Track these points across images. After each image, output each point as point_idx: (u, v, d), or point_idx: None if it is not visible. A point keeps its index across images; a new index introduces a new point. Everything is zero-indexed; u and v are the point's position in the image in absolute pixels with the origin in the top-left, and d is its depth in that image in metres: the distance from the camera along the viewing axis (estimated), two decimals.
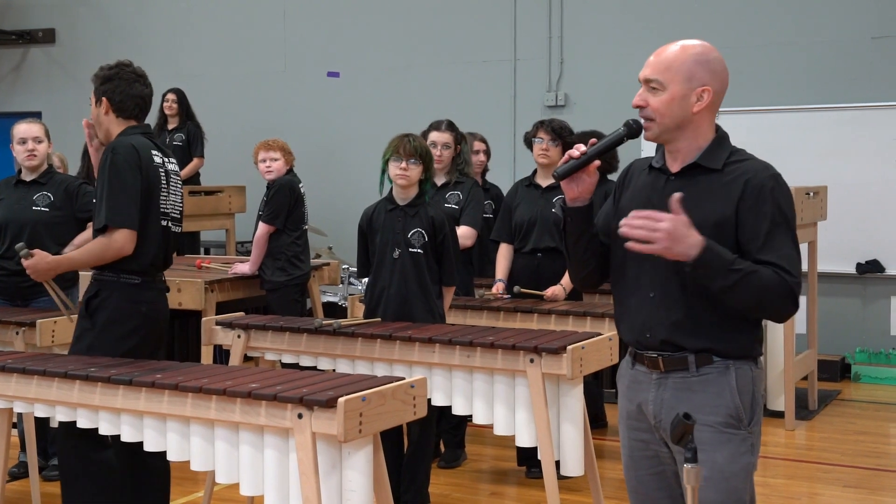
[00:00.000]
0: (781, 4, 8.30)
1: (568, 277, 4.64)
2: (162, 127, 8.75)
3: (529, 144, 5.64)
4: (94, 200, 3.99)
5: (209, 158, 8.87)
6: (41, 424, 4.75)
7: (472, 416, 4.20)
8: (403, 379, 3.38)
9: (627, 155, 5.33)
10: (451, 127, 5.64)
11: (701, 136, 2.69)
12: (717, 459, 2.62)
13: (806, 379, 6.89)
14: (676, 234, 2.50)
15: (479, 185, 6.03)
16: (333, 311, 7.54)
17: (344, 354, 4.37)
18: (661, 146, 2.76)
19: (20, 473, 5.29)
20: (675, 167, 2.72)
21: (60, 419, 3.71)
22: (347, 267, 7.49)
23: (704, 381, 2.66)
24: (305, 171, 7.07)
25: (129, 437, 3.54)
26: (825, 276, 7.64)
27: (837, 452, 5.90)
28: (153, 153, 3.98)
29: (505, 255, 5.61)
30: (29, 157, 5.28)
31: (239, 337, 4.55)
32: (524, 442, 4.12)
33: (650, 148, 7.26)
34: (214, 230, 8.88)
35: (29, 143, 5.29)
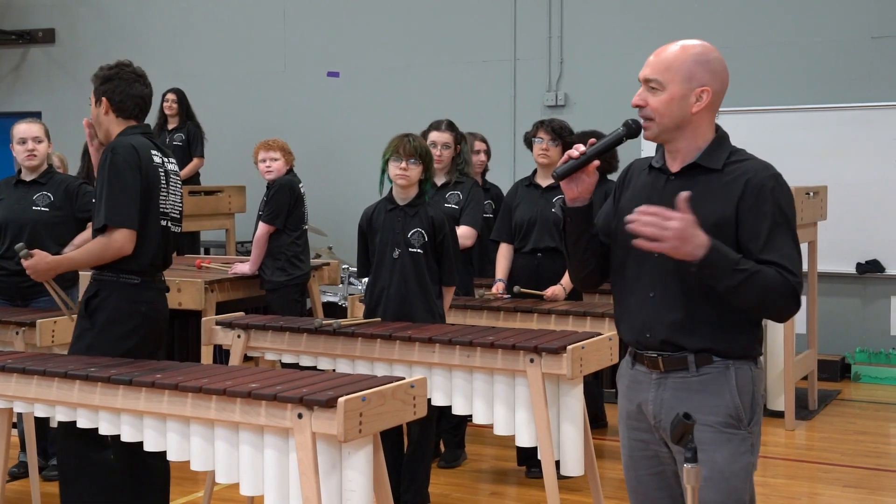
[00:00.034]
0: (781, 4, 8.30)
1: (568, 277, 4.63)
2: (162, 127, 8.75)
3: (529, 144, 5.64)
4: (93, 200, 3.99)
5: (209, 158, 8.87)
6: (41, 424, 4.76)
7: (471, 415, 4.20)
8: (403, 379, 3.38)
9: (627, 155, 5.33)
10: (451, 127, 5.64)
11: (700, 136, 2.69)
12: (716, 459, 2.62)
13: (806, 379, 6.89)
14: (685, 233, 2.48)
15: (478, 185, 6.03)
16: (333, 311, 7.54)
17: (344, 354, 4.37)
18: (661, 146, 2.76)
19: (20, 473, 5.29)
20: (674, 167, 2.72)
21: (60, 419, 3.70)
22: (347, 267, 7.49)
23: (704, 381, 2.65)
24: (305, 171, 7.07)
25: (129, 437, 3.54)
26: (825, 275, 7.64)
27: (837, 452, 5.90)
28: (153, 153, 3.98)
29: (505, 254, 5.60)
30: (29, 157, 5.28)
31: (239, 337, 4.55)
32: (524, 442, 4.12)
33: (650, 148, 7.26)
34: (214, 230, 8.87)
35: (29, 142, 5.29)
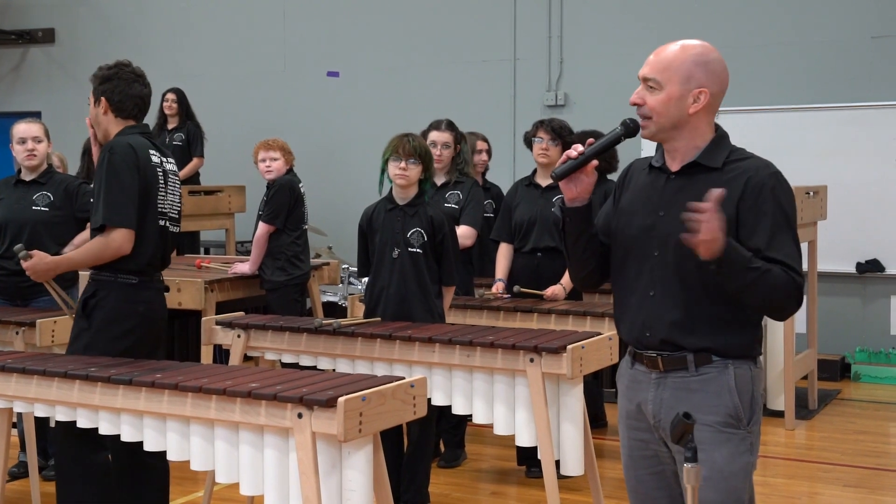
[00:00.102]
0: (781, 4, 8.30)
1: (568, 277, 4.63)
2: (162, 127, 8.75)
3: (529, 144, 5.63)
4: (91, 200, 3.99)
5: (209, 158, 8.86)
6: (41, 424, 4.76)
7: (471, 415, 4.20)
8: (403, 378, 3.38)
9: (627, 155, 5.33)
10: (450, 126, 5.64)
11: (699, 136, 2.69)
12: (716, 459, 2.62)
13: (806, 378, 6.89)
14: (721, 231, 2.46)
15: (478, 184, 6.03)
16: (333, 310, 7.55)
17: (344, 354, 4.37)
18: (661, 145, 2.76)
19: (20, 473, 5.28)
20: (674, 166, 2.72)
21: (60, 419, 3.70)
22: (347, 267, 7.49)
23: (703, 380, 2.65)
24: (305, 171, 7.07)
25: (128, 436, 3.53)
26: (825, 275, 7.64)
27: (837, 452, 5.90)
28: (151, 153, 3.97)
29: (505, 254, 5.60)
30: (28, 156, 5.28)
31: (239, 337, 4.55)
32: (524, 441, 4.12)
33: (650, 147, 7.25)
34: (214, 230, 8.87)
35: (28, 142, 5.29)
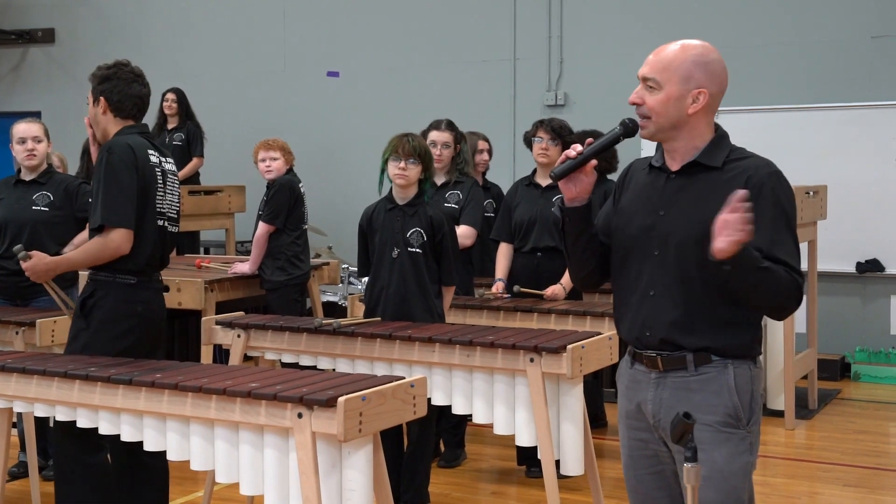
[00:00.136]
0: (781, 4, 8.30)
1: (568, 277, 4.63)
2: (161, 127, 8.75)
3: (529, 144, 5.63)
4: (90, 200, 3.99)
5: (209, 158, 8.86)
6: (41, 424, 4.76)
7: (471, 415, 4.20)
8: (403, 378, 3.38)
9: (627, 154, 5.34)
10: (450, 126, 5.64)
11: (698, 136, 2.69)
12: (715, 459, 2.62)
13: (806, 378, 6.89)
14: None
15: (478, 184, 6.02)
16: (333, 310, 7.55)
17: (344, 354, 4.37)
18: (660, 145, 2.76)
19: (20, 473, 5.29)
20: (674, 166, 2.72)
21: (60, 419, 3.70)
22: (347, 267, 7.49)
23: (703, 380, 2.65)
24: (305, 171, 7.07)
25: (128, 436, 3.53)
26: (825, 275, 7.64)
27: (837, 451, 5.90)
28: (149, 152, 3.97)
29: (505, 254, 5.60)
30: (28, 156, 5.28)
31: (239, 336, 4.55)
32: (524, 441, 4.12)
33: (650, 147, 7.25)
34: (214, 230, 8.87)
35: (28, 142, 5.29)
